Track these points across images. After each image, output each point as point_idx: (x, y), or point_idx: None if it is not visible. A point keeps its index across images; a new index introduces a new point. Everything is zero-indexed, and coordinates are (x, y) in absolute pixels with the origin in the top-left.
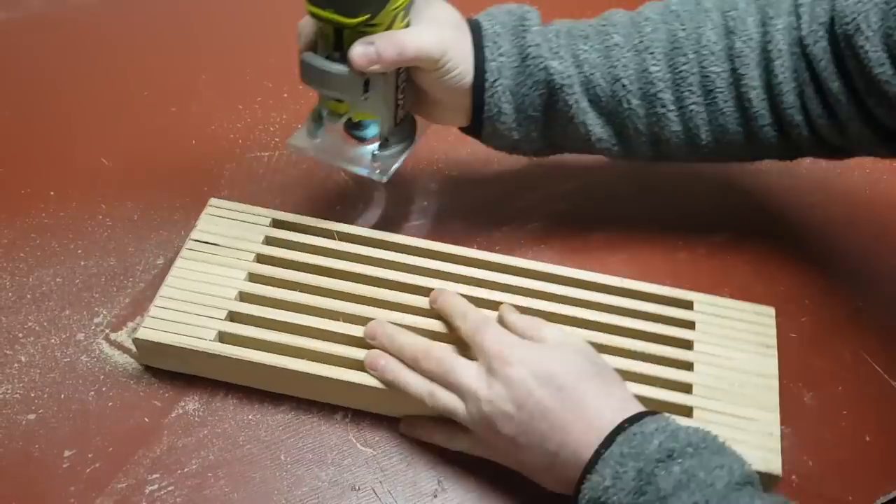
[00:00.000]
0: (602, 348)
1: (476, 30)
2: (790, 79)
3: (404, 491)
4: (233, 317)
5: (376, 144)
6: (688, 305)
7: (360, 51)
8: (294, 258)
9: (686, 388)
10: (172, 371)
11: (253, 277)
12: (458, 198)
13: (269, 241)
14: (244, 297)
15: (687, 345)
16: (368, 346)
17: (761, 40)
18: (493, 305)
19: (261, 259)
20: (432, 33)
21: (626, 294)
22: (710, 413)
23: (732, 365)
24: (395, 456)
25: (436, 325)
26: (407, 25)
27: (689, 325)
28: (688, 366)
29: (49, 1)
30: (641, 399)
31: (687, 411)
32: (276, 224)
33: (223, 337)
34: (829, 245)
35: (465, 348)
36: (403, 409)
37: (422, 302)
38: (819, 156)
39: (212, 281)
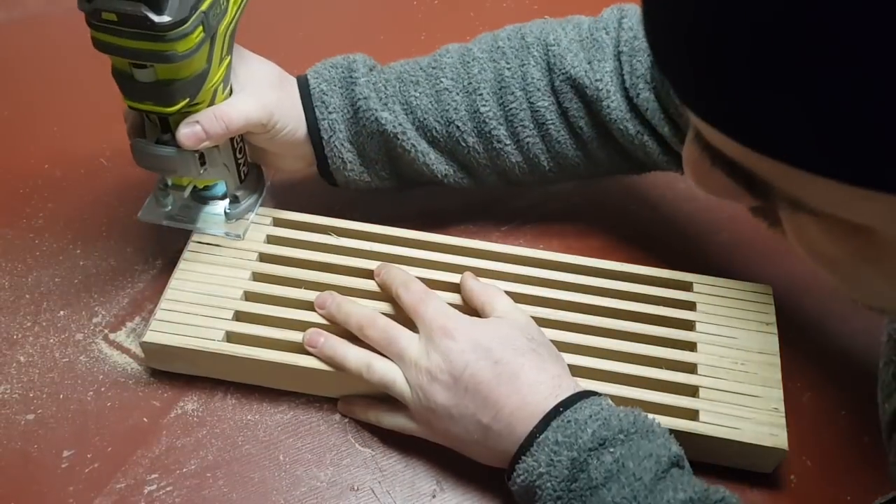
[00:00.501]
0: (605, 332)
1: (303, 87)
2: (625, 118)
3: (403, 491)
4: (239, 316)
5: (227, 202)
6: (687, 287)
7: (186, 132)
8: (297, 256)
9: (691, 369)
10: (172, 372)
11: (257, 276)
12: (457, 198)
13: (272, 239)
14: (250, 296)
15: (689, 326)
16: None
17: (584, 78)
18: None
19: (264, 258)
20: (254, 100)
21: (625, 278)
22: (715, 392)
23: (735, 344)
24: (394, 456)
25: None
26: (230, 92)
27: (690, 306)
28: (691, 346)
29: (49, 1)
30: (648, 381)
31: (693, 391)
32: (278, 223)
33: (231, 337)
34: None
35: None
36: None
37: None
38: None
39: (216, 282)
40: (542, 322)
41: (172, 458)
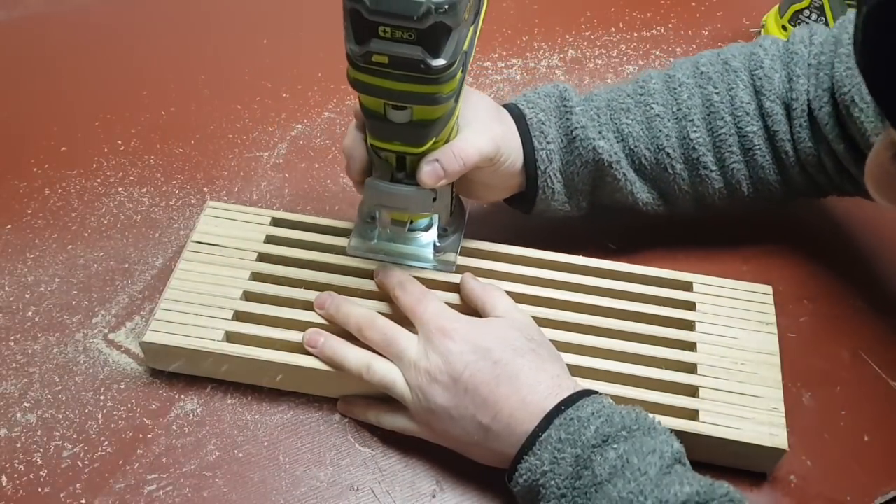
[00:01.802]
0: (605, 332)
1: (519, 118)
2: (808, 136)
3: (403, 491)
4: (239, 316)
5: (433, 234)
6: (687, 287)
7: (427, 170)
8: (298, 256)
9: (691, 369)
10: (172, 372)
11: (257, 276)
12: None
13: (271, 239)
14: (249, 296)
15: (689, 326)
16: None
17: (786, 98)
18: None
19: (263, 258)
20: (485, 135)
21: (625, 278)
22: (715, 392)
23: (734, 344)
24: (394, 456)
25: None
26: (458, 128)
27: (690, 306)
28: (691, 346)
29: (49, 1)
30: (647, 381)
31: (692, 391)
32: (277, 223)
33: (230, 337)
34: (829, 245)
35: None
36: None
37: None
38: (844, 195)
39: (216, 282)
40: (542, 322)
41: (172, 458)
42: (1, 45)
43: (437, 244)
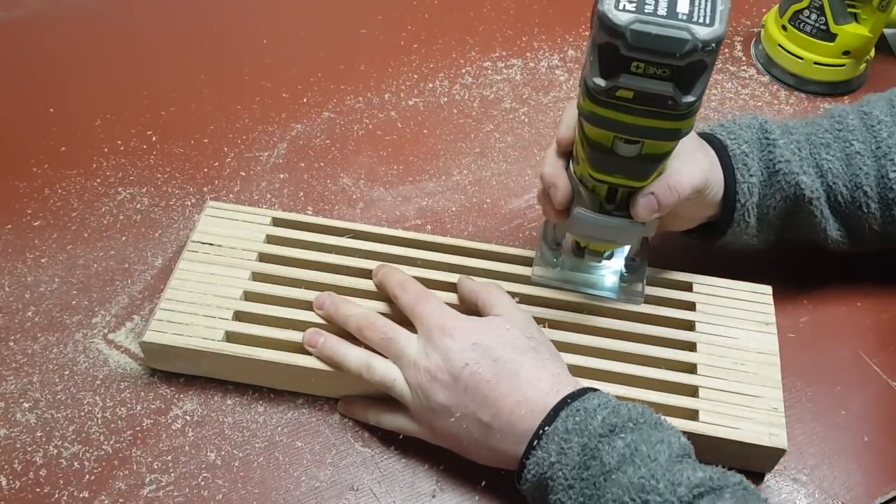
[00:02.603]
0: (604, 332)
1: (720, 149)
2: None
3: (402, 491)
4: (239, 316)
5: (619, 264)
6: (687, 287)
7: (644, 203)
8: (298, 256)
9: (690, 369)
10: (172, 372)
11: (257, 276)
12: (458, 198)
13: (271, 239)
14: (249, 296)
15: (689, 326)
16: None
17: None
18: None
19: (264, 258)
20: (696, 167)
21: None
22: (715, 392)
23: (734, 344)
24: (394, 456)
25: None
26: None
27: (690, 306)
28: (691, 346)
29: (49, 1)
30: (647, 381)
31: (692, 391)
32: (277, 223)
33: (230, 336)
34: None
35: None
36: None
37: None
38: None
39: (216, 281)
40: (542, 321)
41: (172, 457)
42: (1, 45)
43: (625, 274)
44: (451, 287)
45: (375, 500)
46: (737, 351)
